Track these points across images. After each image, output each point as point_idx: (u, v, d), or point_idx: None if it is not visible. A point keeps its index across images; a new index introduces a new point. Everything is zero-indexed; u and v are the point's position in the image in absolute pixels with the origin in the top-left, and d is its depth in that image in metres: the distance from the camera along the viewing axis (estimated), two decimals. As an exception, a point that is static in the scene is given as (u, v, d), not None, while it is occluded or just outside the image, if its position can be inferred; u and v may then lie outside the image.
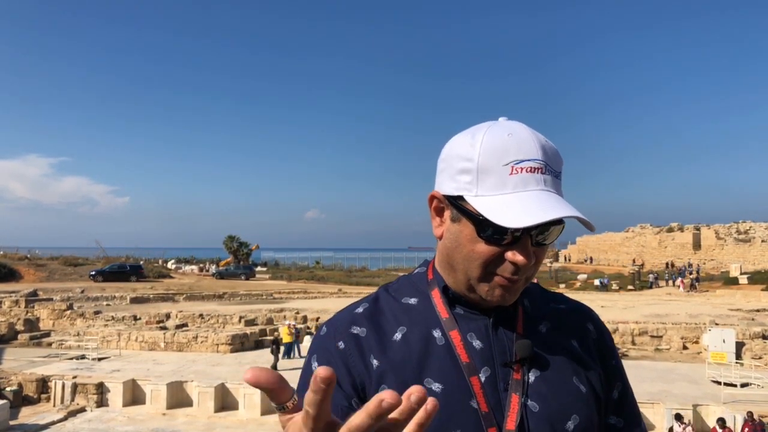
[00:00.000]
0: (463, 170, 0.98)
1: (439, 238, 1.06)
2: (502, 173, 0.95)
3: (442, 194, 1.03)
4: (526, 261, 0.95)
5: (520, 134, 0.97)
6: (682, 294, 36.44)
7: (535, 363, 1.03)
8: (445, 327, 1.04)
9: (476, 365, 1.00)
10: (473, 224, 0.97)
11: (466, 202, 0.97)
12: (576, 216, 0.94)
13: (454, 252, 1.02)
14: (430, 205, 1.06)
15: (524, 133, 0.97)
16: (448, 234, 1.03)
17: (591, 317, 1.17)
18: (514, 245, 0.95)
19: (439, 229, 1.05)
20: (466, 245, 0.99)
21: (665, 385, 15.01)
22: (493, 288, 0.99)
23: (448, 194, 1.01)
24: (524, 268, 0.97)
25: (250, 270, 47.71)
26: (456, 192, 0.99)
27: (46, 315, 25.94)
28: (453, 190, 1.00)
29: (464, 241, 0.99)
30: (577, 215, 0.94)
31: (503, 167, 0.95)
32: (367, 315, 1.08)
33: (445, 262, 1.06)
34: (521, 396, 0.99)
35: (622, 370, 1.16)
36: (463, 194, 0.98)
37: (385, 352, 1.02)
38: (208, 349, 19.97)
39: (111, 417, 14.81)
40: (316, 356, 1.05)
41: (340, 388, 1.00)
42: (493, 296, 1.00)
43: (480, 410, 0.97)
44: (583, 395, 1.03)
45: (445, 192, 1.02)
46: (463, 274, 1.01)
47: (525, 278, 1.00)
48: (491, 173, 0.95)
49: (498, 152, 0.95)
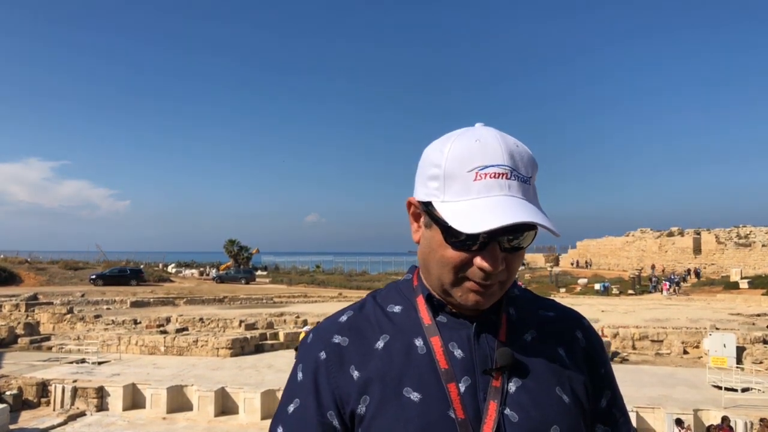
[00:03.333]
0: (432, 176, 0.99)
1: (417, 242, 1.08)
2: (467, 179, 0.95)
3: (416, 200, 1.05)
4: (493, 267, 0.95)
5: (487, 140, 0.97)
6: (663, 298, 37.19)
7: (516, 372, 1.02)
8: (427, 334, 1.04)
9: (456, 373, 1.00)
10: (441, 230, 0.98)
11: (434, 208, 0.99)
12: (533, 222, 0.91)
13: (428, 257, 1.03)
14: (408, 210, 1.08)
15: (492, 139, 0.97)
16: (423, 240, 1.05)
17: (581, 324, 1.16)
18: (481, 251, 0.96)
19: (417, 234, 1.07)
20: (438, 250, 1.00)
21: (666, 390, 14.96)
22: (466, 292, 0.99)
23: (420, 200, 1.03)
24: (494, 274, 0.97)
25: (251, 274, 47.71)
26: (426, 198, 1.01)
27: (47, 319, 25.91)
28: (424, 195, 1.01)
29: (435, 246, 1.00)
30: (534, 221, 0.91)
31: (468, 173, 0.95)
32: (351, 323, 1.09)
33: (422, 266, 1.08)
34: (499, 404, 0.98)
35: (611, 378, 1.15)
36: (432, 200, 0.99)
37: (366, 362, 1.03)
38: (209, 353, 19.94)
39: (111, 421, 14.78)
40: (301, 365, 1.08)
41: (317, 400, 1.02)
42: (467, 300, 1.00)
43: (456, 417, 0.96)
44: (566, 405, 1.01)
45: (418, 198, 1.04)
46: (437, 279, 1.03)
47: (499, 283, 1.00)
48: (456, 179, 0.96)
49: (464, 159, 0.96)
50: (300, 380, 1.06)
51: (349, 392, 1.01)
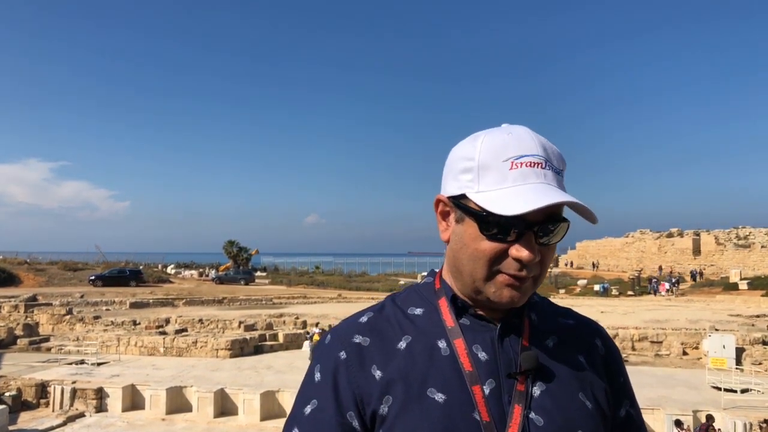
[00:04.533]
0: (465, 169, 1.00)
1: (446, 241, 1.06)
2: (502, 169, 0.97)
3: (446, 197, 1.04)
4: (531, 256, 0.95)
5: (519, 133, 1.00)
6: (662, 299, 37.40)
7: (540, 376, 1.02)
8: (450, 336, 1.03)
9: (480, 376, 0.99)
10: (476, 221, 0.98)
11: (468, 200, 0.99)
12: (574, 201, 0.94)
13: (459, 253, 1.02)
14: (435, 209, 1.08)
15: (524, 133, 1.00)
16: (453, 236, 1.04)
17: (600, 333, 1.17)
18: (517, 241, 0.96)
19: (446, 232, 1.06)
20: (471, 244, 0.99)
21: (665, 391, 14.97)
22: (500, 288, 0.99)
23: (451, 195, 1.03)
24: (530, 266, 0.97)
25: (250, 275, 47.61)
26: (459, 191, 1.01)
27: (46, 320, 25.88)
28: (456, 189, 1.02)
29: (468, 240, 1.00)
30: (577, 201, 0.94)
31: (503, 163, 0.97)
32: (372, 324, 1.08)
33: (452, 265, 1.06)
34: (524, 408, 0.98)
35: (630, 388, 1.15)
36: (465, 192, 1.00)
37: (388, 362, 1.02)
38: (208, 354, 19.92)
39: (110, 422, 14.77)
40: (319, 365, 1.06)
41: (336, 401, 1.00)
42: (501, 297, 0.99)
43: (481, 420, 0.95)
44: (589, 411, 1.02)
45: (449, 193, 1.03)
46: (469, 276, 1.01)
47: (532, 278, 1.00)
48: (491, 169, 0.97)
49: (498, 149, 0.98)
50: (318, 380, 1.04)
51: (371, 392, 0.99)
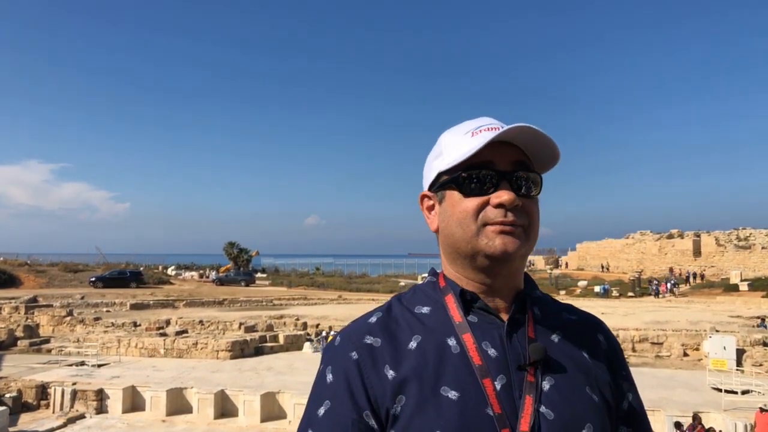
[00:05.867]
0: (436, 155, 1.12)
1: (436, 231, 1.12)
2: (464, 139, 1.07)
3: (426, 188, 1.14)
4: (511, 196, 1.02)
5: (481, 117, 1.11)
6: (663, 300, 37.56)
7: (548, 370, 1.04)
8: (459, 331, 1.05)
9: (491, 371, 1.01)
10: (455, 186, 1.06)
11: (442, 174, 1.09)
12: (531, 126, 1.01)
13: (448, 226, 1.08)
14: (421, 205, 1.15)
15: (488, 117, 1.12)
16: (440, 216, 1.10)
17: (602, 329, 1.19)
18: (496, 190, 1.03)
19: (433, 219, 1.13)
20: (455, 210, 1.06)
21: (666, 392, 14.96)
22: (492, 238, 1.03)
23: (430, 181, 1.12)
24: (515, 212, 1.03)
25: (250, 276, 47.62)
26: (434, 173, 1.11)
27: (46, 321, 25.90)
28: (431, 176, 1.12)
29: (452, 208, 1.07)
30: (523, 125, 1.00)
31: (464, 135, 1.07)
32: (381, 325, 1.08)
33: (448, 249, 1.11)
34: (534, 399, 0.99)
35: (632, 382, 1.18)
36: (437, 171, 1.10)
37: (400, 362, 1.02)
38: (208, 356, 19.93)
39: (110, 424, 14.77)
40: (330, 367, 1.05)
41: (352, 400, 1.01)
42: (495, 247, 1.02)
43: (494, 413, 0.97)
44: (596, 404, 1.04)
45: (428, 181, 1.13)
46: (463, 241, 1.06)
47: (522, 229, 1.04)
48: (455, 144, 1.08)
49: (460, 129, 1.10)
50: (330, 381, 1.04)
51: (384, 392, 1.00)
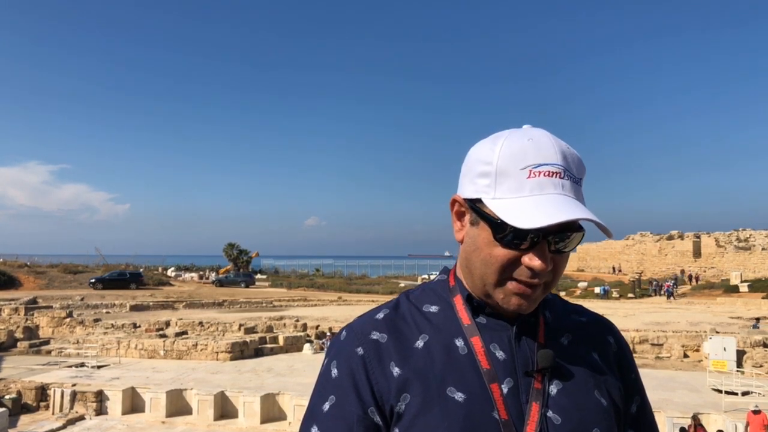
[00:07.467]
0: (482, 173, 0.99)
1: (460, 242, 1.06)
2: (520, 177, 0.95)
3: (462, 198, 1.04)
4: (544, 266, 0.94)
5: (540, 140, 0.98)
6: (664, 301, 37.72)
7: (556, 374, 1.02)
8: (467, 333, 1.03)
9: (498, 374, 0.99)
10: (490, 227, 0.97)
11: (483, 204, 0.98)
12: (592, 219, 0.92)
13: (472, 255, 1.02)
14: (451, 208, 1.07)
15: (545, 138, 0.98)
16: (467, 238, 1.04)
17: (611, 330, 1.18)
18: (531, 250, 0.95)
19: (460, 233, 1.06)
20: (484, 249, 0.99)
21: (666, 393, 14.95)
22: (509, 295, 0.99)
23: (467, 197, 1.02)
24: (542, 274, 0.96)
25: (250, 277, 47.61)
26: (475, 195, 1.00)
27: (46, 323, 25.87)
28: (472, 193, 1.01)
29: (482, 244, 0.99)
30: (593, 218, 0.92)
31: (521, 171, 0.95)
32: (388, 321, 1.07)
33: (464, 266, 1.07)
34: (541, 406, 0.98)
35: (640, 385, 1.16)
36: (482, 197, 0.99)
37: (407, 359, 1.01)
38: (208, 357, 19.92)
39: (110, 425, 14.76)
40: (336, 362, 1.04)
41: (357, 396, 1.00)
42: (509, 304, 0.99)
43: (500, 418, 0.96)
44: (604, 408, 1.03)
45: (465, 195, 1.03)
46: (480, 279, 1.01)
47: (543, 286, 0.99)
48: (509, 176, 0.96)
49: (517, 156, 0.96)
50: (335, 377, 1.03)
51: (389, 388, 0.99)
